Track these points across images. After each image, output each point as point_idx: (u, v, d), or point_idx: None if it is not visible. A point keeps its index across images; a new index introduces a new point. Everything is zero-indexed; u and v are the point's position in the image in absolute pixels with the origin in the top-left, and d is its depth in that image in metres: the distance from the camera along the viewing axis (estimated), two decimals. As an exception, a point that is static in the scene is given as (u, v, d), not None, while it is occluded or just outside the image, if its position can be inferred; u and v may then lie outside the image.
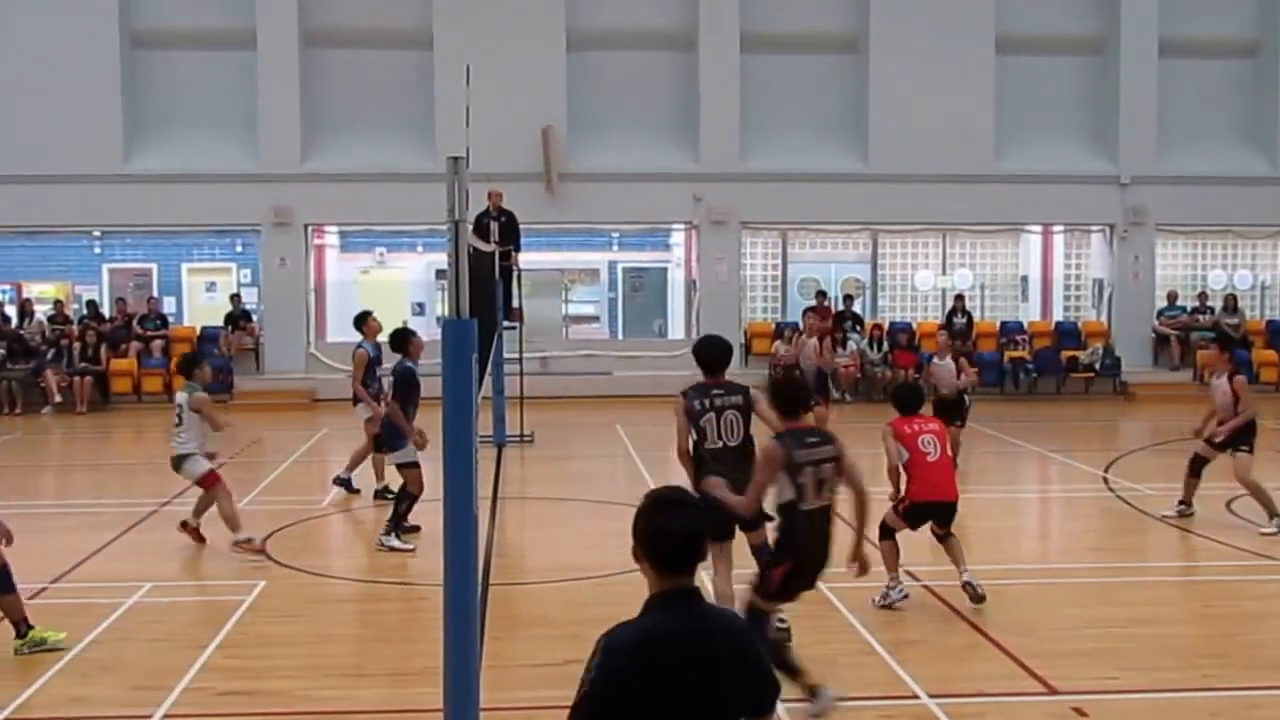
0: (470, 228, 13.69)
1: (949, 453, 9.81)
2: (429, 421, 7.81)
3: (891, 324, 26.27)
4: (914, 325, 26.47)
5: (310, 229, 25.99)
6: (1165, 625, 9.30)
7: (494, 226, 18.89)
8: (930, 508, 9.57)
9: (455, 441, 5.83)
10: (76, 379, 23.75)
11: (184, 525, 11.83)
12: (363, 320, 14.21)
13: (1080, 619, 9.32)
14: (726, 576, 8.38)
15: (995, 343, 26.08)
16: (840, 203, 25.68)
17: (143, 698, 7.67)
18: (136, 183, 24.80)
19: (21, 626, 8.55)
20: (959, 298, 26.41)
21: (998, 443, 18.83)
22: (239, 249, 27.25)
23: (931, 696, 7.59)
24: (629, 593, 10.15)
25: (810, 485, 7.10)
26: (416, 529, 12.02)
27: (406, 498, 11.88)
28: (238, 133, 25.19)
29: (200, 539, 11.77)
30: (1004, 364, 25.46)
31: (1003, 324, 26.63)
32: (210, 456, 11.61)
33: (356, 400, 14.12)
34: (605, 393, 23.96)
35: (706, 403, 8.40)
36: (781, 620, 8.62)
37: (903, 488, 9.71)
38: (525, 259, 20.62)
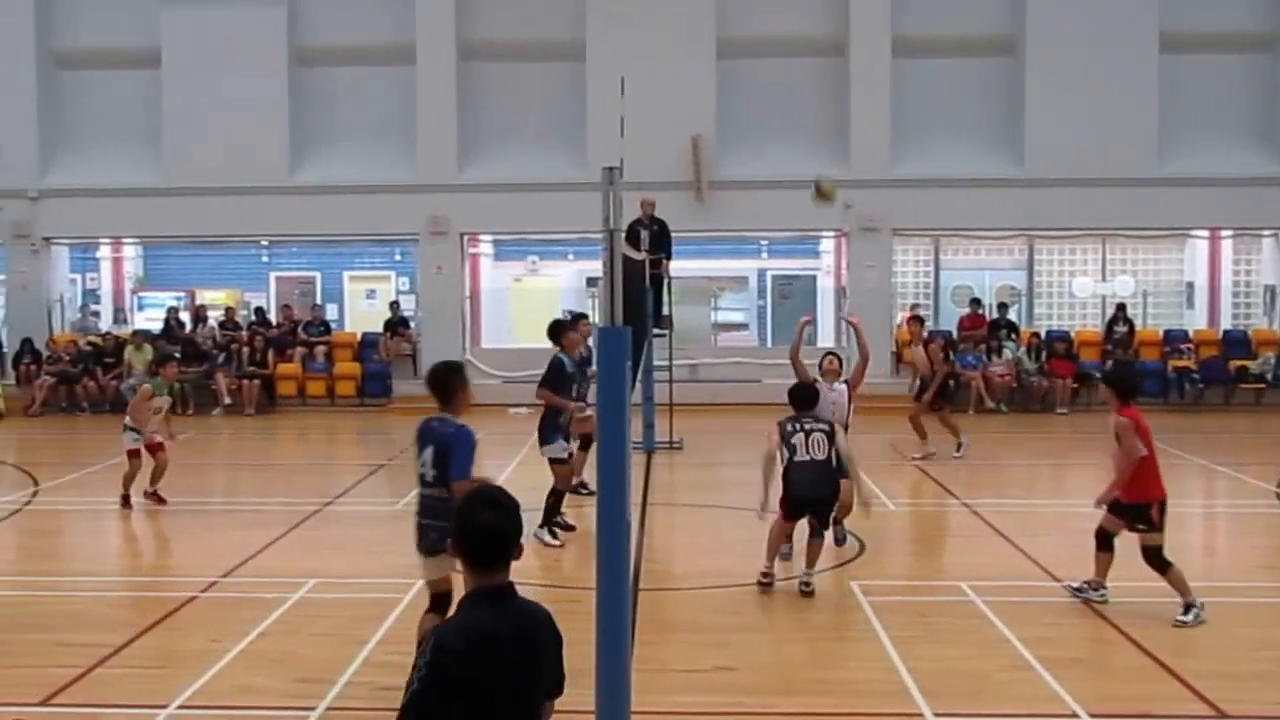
0: (623, 235, 13.75)
1: None
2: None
3: (1048, 332, 25.74)
4: (1072, 334, 25.87)
5: (465, 238, 26.50)
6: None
7: (644, 235, 19.02)
8: (1161, 504, 9.49)
9: (609, 447, 5.92)
10: (244, 382, 24.61)
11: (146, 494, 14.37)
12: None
13: (1251, 640, 9.00)
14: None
15: (1158, 352, 25.35)
16: (995, 208, 25.25)
17: (307, 690, 7.92)
18: (301, 194, 25.65)
19: None
20: (1119, 305, 25.73)
21: (1161, 455, 18.29)
22: (397, 257, 27.98)
23: (1092, 716, 7.39)
24: (776, 600, 10.23)
25: None
26: (572, 528, 12.26)
27: (554, 493, 12.17)
28: (397, 144, 25.85)
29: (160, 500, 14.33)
30: (1168, 374, 24.76)
31: (1166, 333, 25.85)
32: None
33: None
34: (754, 400, 23.85)
35: (797, 425, 10.43)
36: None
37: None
38: (674, 266, 20.73)
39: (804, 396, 10.71)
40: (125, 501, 14.25)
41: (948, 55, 25.58)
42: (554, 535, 12.19)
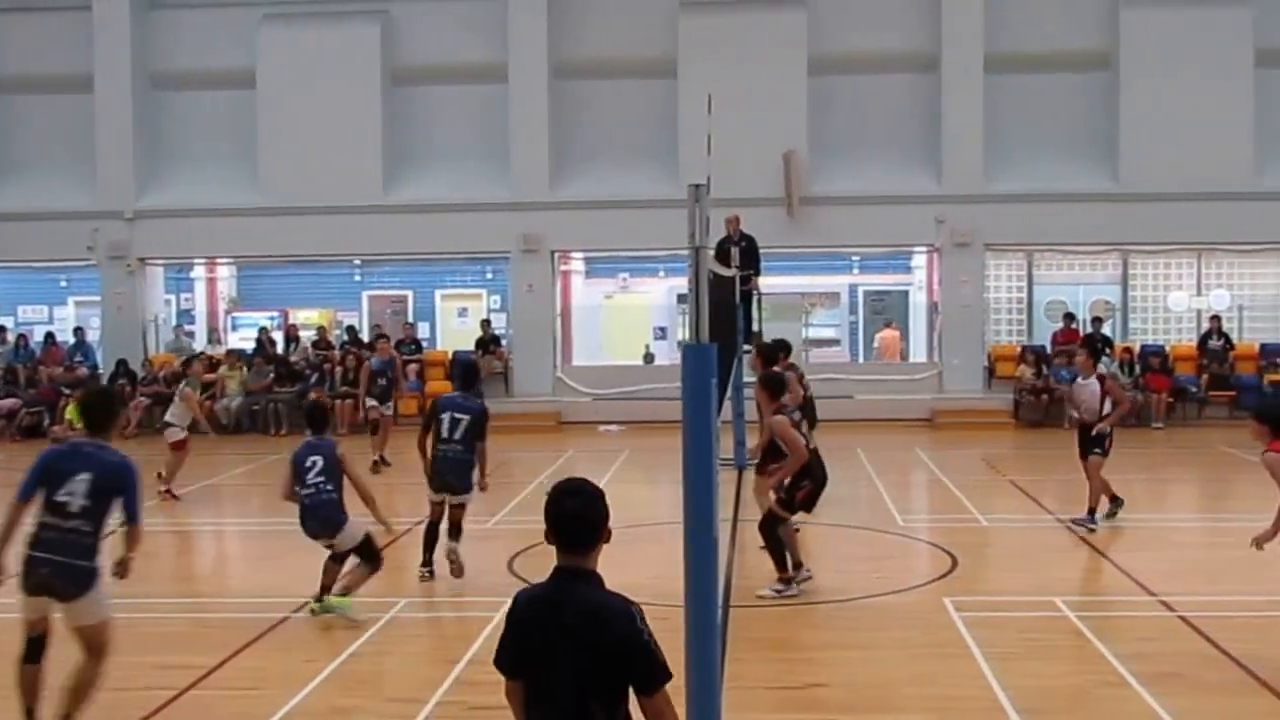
0: (712, 253, 13.84)
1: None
2: (671, 445, 7.93)
3: (1143, 347, 25.30)
4: (1167, 348, 25.45)
5: (557, 255, 26.68)
6: None
7: (735, 251, 19.00)
8: None
9: (695, 464, 5.93)
10: (337, 402, 24.85)
11: (161, 492, 15.76)
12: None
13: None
14: None
15: (1255, 365, 24.93)
16: (1089, 223, 24.93)
17: (399, 710, 7.98)
18: (394, 213, 25.98)
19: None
20: (1215, 319, 25.31)
21: (1260, 469, 17.91)
22: (489, 275, 28.21)
23: (1188, 732, 7.31)
24: (869, 617, 10.16)
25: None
26: None
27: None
28: (489, 163, 26.10)
29: (175, 498, 15.99)
30: (1264, 388, 24.29)
31: (1263, 346, 25.35)
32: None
33: None
34: (846, 416, 23.74)
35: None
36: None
37: None
38: (765, 282, 20.68)
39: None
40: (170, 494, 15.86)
41: (1041, 70, 25.36)
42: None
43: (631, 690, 4.30)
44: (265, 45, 26.29)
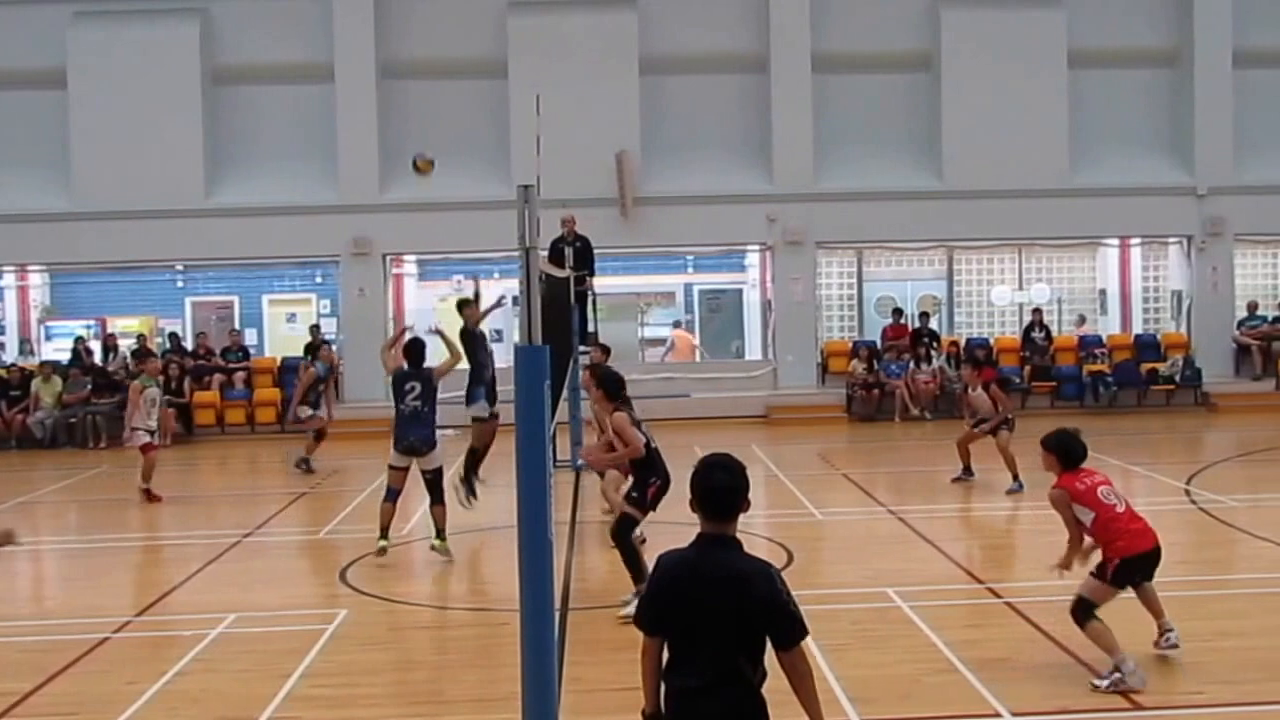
0: (545, 254, 13.79)
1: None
2: (509, 448, 7.85)
3: (968, 340, 26.06)
4: (991, 341, 26.28)
5: (389, 259, 26.29)
6: (1251, 638, 9.12)
7: (569, 252, 18.95)
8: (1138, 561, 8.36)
9: (529, 466, 5.86)
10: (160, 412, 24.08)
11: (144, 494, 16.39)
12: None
13: (1168, 633, 9.15)
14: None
15: (1074, 357, 25.80)
16: (915, 220, 25.54)
17: (230, 728, 7.74)
18: (218, 216, 25.23)
19: None
20: (1036, 312, 26.22)
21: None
22: (319, 280, 27.64)
23: (1014, 715, 7.51)
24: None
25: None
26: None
27: (472, 452, 14.81)
28: (317, 165, 25.54)
29: (156, 499, 16.38)
30: (1083, 378, 25.21)
31: (1081, 338, 26.31)
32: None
33: None
34: (683, 415, 23.89)
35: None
36: None
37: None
38: (600, 283, 20.66)
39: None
40: (149, 496, 16.35)
41: (866, 71, 25.83)
42: (473, 495, 14.06)
43: (770, 645, 4.67)
44: (76, 44, 25.26)
